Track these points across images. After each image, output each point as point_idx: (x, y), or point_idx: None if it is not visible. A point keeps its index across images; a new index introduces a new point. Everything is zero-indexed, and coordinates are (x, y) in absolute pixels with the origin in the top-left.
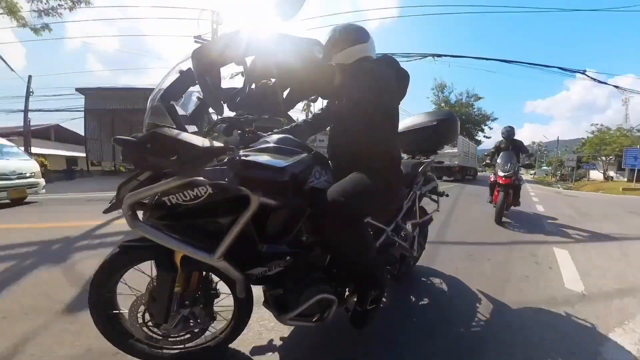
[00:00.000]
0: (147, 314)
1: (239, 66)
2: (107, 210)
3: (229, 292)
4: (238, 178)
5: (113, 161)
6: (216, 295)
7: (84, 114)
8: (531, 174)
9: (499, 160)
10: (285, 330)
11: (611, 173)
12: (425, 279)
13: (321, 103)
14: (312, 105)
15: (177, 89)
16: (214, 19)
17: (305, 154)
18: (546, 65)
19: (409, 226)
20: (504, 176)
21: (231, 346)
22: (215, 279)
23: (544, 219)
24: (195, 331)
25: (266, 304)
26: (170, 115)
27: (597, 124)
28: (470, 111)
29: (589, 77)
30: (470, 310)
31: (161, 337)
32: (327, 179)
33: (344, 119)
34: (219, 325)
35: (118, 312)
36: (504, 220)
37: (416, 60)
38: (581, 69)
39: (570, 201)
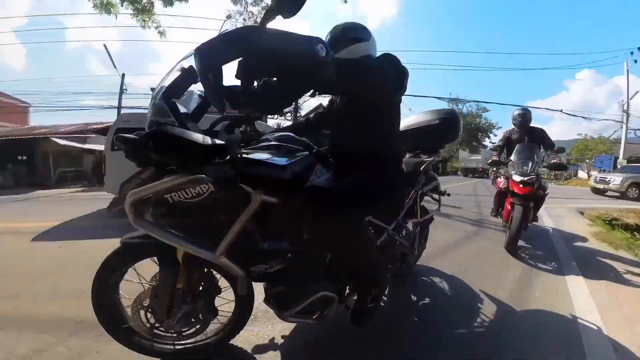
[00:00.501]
0: (149, 310)
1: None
2: (110, 207)
3: (230, 288)
4: (240, 176)
5: None
6: (217, 292)
7: None
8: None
9: (513, 158)
10: (286, 327)
11: (595, 173)
12: (425, 278)
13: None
14: (299, 111)
15: (179, 86)
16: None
17: (307, 152)
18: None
19: (410, 225)
20: (521, 182)
21: (232, 342)
22: (217, 275)
23: (559, 236)
24: (196, 327)
25: (267, 301)
26: (172, 113)
27: (582, 133)
28: (479, 121)
29: (567, 113)
30: (471, 310)
31: (163, 333)
32: (329, 177)
33: (345, 116)
34: (220, 321)
35: (121, 308)
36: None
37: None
38: (558, 109)
39: (557, 190)
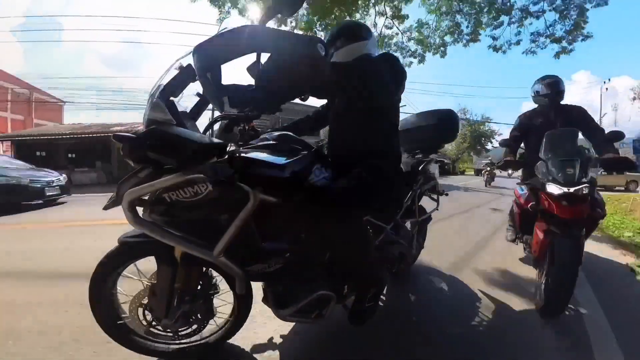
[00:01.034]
0: (147, 309)
1: (240, 63)
2: (107, 207)
3: (229, 288)
4: (238, 175)
5: None
6: (216, 291)
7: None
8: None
9: (542, 154)
10: (285, 326)
11: None
12: (424, 278)
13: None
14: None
15: (177, 85)
16: None
17: (306, 151)
18: None
19: (408, 225)
20: (565, 197)
21: (231, 342)
22: (215, 274)
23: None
24: (195, 326)
25: (265, 300)
26: (170, 112)
27: None
28: (483, 128)
29: None
30: (469, 310)
31: (161, 332)
32: (327, 176)
33: (344, 116)
34: (218, 320)
35: (119, 307)
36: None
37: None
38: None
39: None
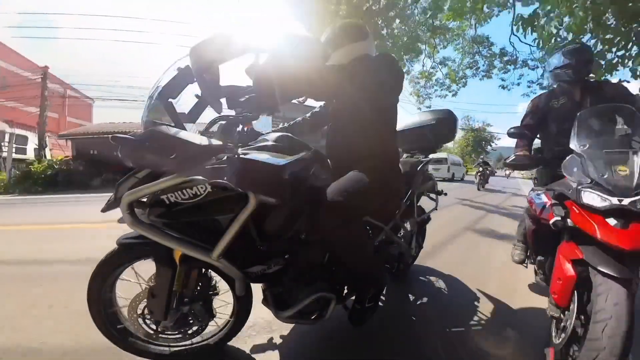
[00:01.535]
0: (146, 311)
1: (238, 64)
2: (105, 209)
3: (229, 289)
4: (237, 176)
5: None
6: (215, 292)
7: None
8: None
9: (576, 145)
10: (285, 328)
11: None
12: (423, 278)
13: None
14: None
15: (175, 86)
16: None
17: (304, 152)
18: None
19: (407, 225)
20: (615, 210)
21: (230, 344)
22: (215, 276)
23: None
24: (194, 328)
25: (265, 301)
26: (168, 113)
27: None
28: (484, 133)
29: None
30: (468, 309)
31: (160, 335)
32: (326, 177)
33: (342, 117)
34: (218, 322)
35: (117, 309)
36: None
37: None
38: None
39: None
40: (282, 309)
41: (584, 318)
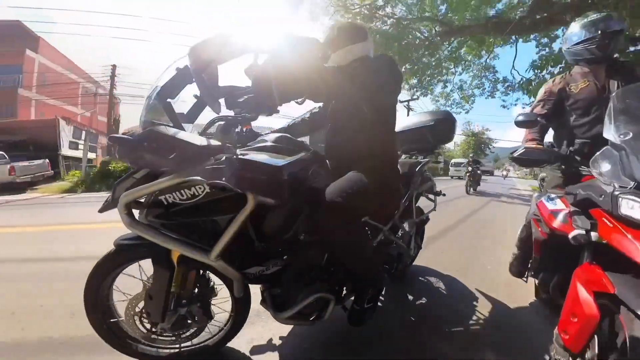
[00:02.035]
0: (144, 313)
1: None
2: (103, 209)
3: (227, 290)
4: (235, 177)
5: None
6: (213, 294)
7: None
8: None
9: (613, 136)
10: (284, 329)
11: None
12: (422, 278)
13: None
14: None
15: (174, 86)
16: None
17: (303, 153)
18: None
19: (406, 225)
20: None
21: (229, 345)
22: (213, 277)
23: None
24: (192, 330)
25: (264, 302)
26: (167, 113)
27: None
28: (483, 137)
29: None
30: (467, 309)
31: (158, 336)
32: (325, 178)
33: (341, 117)
34: (216, 324)
35: (115, 312)
36: None
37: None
38: None
39: None
40: (280, 310)
41: None
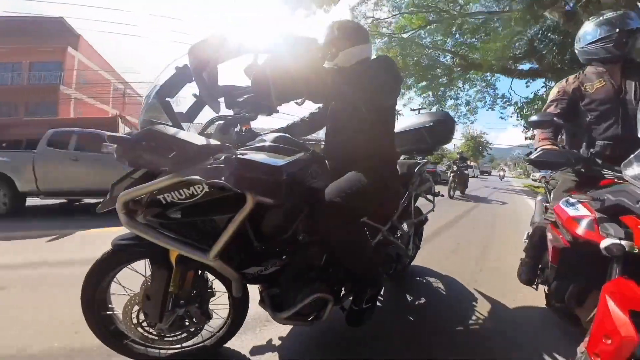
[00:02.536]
0: (141, 313)
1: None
2: (100, 209)
3: (225, 290)
4: (234, 177)
5: None
6: (212, 294)
7: None
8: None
9: None
10: (283, 329)
11: None
12: (420, 278)
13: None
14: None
15: (173, 85)
16: None
17: (302, 153)
18: None
19: (404, 226)
20: None
21: (228, 345)
22: (211, 277)
23: None
24: (190, 330)
25: (262, 303)
26: (166, 112)
27: None
28: (481, 139)
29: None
30: (466, 309)
31: (156, 337)
32: (324, 178)
33: (341, 118)
34: (215, 324)
35: (112, 312)
36: None
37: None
38: None
39: None
40: (279, 310)
41: None
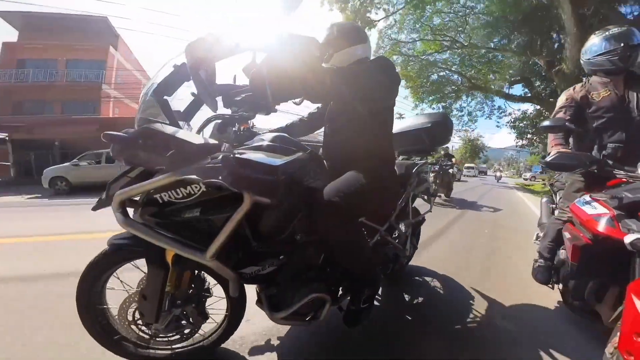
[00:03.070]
0: (137, 313)
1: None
2: (96, 207)
3: (222, 290)
4: (232, 176)
5: None
6: (208, 294)
7: None
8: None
9: None
10: (281, 329)
11: None
12: (418, 278)
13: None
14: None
15: (171, 83)
16: None
17: (301, 153)
18: None
19: (402, 226)
20: None
21: (225, 346)
22: (208, 277)
23: None
24: (187, 331)
25: (259, 303)
26: (163, 111)
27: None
28: (477, 142)
29: None
30: (463, 308)
31: (152, 337)
32: (322, 178)
33: (339, 118)
34: (212, 324)
35: (108, 311)
36: None
37: None
38: None
39: None
40: (276, 310)
41: None
